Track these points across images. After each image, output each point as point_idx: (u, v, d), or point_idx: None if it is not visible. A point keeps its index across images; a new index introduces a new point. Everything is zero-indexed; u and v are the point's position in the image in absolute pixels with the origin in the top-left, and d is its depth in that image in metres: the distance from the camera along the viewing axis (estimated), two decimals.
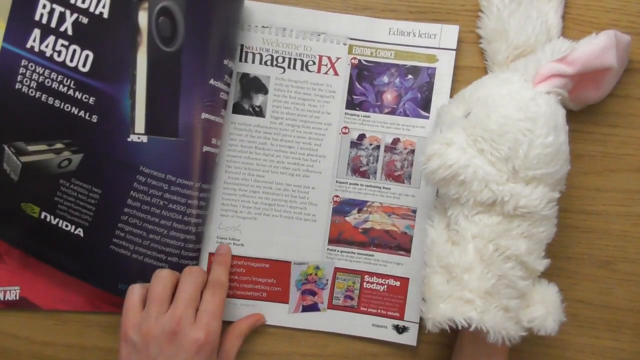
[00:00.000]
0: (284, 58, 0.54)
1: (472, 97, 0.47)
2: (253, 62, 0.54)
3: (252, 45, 0.54)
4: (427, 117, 0.53)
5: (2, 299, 0.53)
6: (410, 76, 0.54)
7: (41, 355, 0.54)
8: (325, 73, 0.54)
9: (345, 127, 0.54)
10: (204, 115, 0.51)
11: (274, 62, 0.54)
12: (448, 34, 0.53)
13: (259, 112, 0.54)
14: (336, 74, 0.54)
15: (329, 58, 0.54)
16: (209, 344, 0.46)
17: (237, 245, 0.54)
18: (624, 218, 0.54)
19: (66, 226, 0.51)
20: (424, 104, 0.54)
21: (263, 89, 0.54)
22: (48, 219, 0.51)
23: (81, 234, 0.51)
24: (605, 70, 0.47)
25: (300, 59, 0.54)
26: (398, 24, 0.54)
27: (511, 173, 0.44)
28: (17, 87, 0.50)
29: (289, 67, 0.54)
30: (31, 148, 0.51)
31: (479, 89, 0.47)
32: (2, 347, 0.54)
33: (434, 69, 0.53)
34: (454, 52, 0.53)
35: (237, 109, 0.54)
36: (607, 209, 0.54)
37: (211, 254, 0.54)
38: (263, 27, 0.54)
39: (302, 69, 0.54)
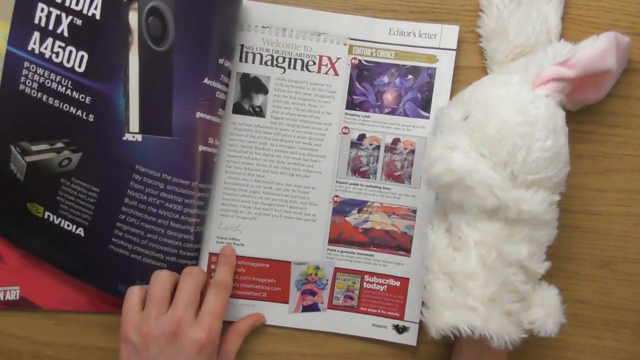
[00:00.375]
0: (284, 58, 0.54)
1: (470, 99, 0.47)
2: (253, 62, 0.54)
3: (252, 46, 0.54)
4: (427, 117, 0.53)
5: (2, 299, 0.53)
6: (410, 76, 0.54)
7: (41, 355, 0.54)
8: (326, 73, 0.54)
9: (346, 127, 0.54)
10: (199, 115, 0.51)
11: (274, 62, 0.54)
12: (448, 34, 0.53)
13: (259, 112, 0.54)
14: (336, 74, 0.54)
15: (329, 58, 0.54)
16: (209, 345, 0.46)
17: (237, 245, 0.54)
18: (625, 218, 0.54)
19: (68, 226, 0.51)
20: (424, 104, 0.54)
21: (263, 89, 0.54)
22: (51, 219, 0.52)
23: (82, 233, 0.51)
24: (605, 72, 0.47)
25: (300, 59, 0.54)
26: (398, 24, 0.53)
27: (509, 178, 0.44)
28: (21, 88, 0.52)
29: (289, 67, 0.54)
30: (34, 147, 0.51)
31: (477, 90, 0.47)
32: (2, 347, 0.54)
33: (434, 69, 0.53)
34: (454, 52, 0.53)
35: (237, 109, 0.54)
36: (607, 209, 0.54)
37: (211, 254, 0.54)
38: (263, 27, 0.54)
39: (302, 69, 0.54)
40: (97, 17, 0.50)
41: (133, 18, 0.50)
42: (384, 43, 0.54)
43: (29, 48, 0.51)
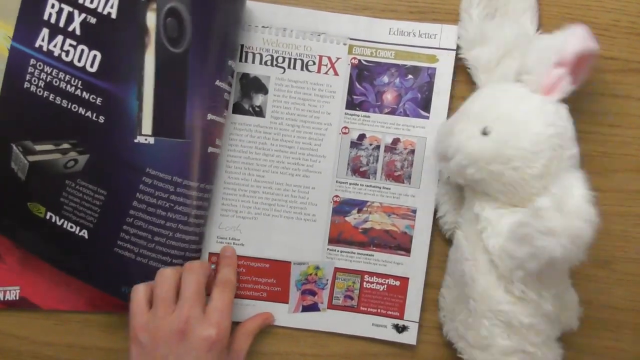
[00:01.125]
0: (284, 58, 0.54)
1: (487, 115, 0.46)
2: (253, 62, 0.54)
3: (252, 45, 0.54)
4: (427, 117, 0.53)
5: (2, 299, 0.53)
6: (410, 76, 0.54)
7: (41, 355, 0.54)
8: (326, 73, 0.54)
9: (345, 127, 0.54)
10: (210, 117, 0.50)
11: (274, 62, 0.54)
12: (448, 34, 0.53)
13: (259, 112, 0.54)
14: (336, 74, 0.54)
15: (329, 58, 0.54)
16: (219, 342, 0.45)
17: (237, 245, 0.54)
18: (624, 218, 0.54)
19: (71, 227, 0.50)
20: (424, 104, 0.54)
21: (263, 89, 0.54)
22: (53, 219, 0.51)
23: (85, 235, 0.50)
24: (588, 56, 0.46)
25: (300, 59, 0.54)
26: (398, 24, 0.54)
27: (542, 189, 0.44)
28: (25, 86, 0.50)
29: (289, 67, 0.54)
30: (38, 147, 0.50)
31: (493, 105, 0.46)
32: (2, 347, 0.54)
33: (434, 69, 0.53)
34: (454, 52, 0.53)
35: (237, 109, 0.54)
36: (607, 209, 0.53)
37: (211, 254, 0.54)
38: (263, 27, 0.54)
39: (302, 69, 0.54)
40: (113, 16, 0.49)
41: (151, 18, 0.49)
42: (384, 43, 0.54)
43: (36, 45, 0.50)
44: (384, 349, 0.54)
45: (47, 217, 0.51)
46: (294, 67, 0.54)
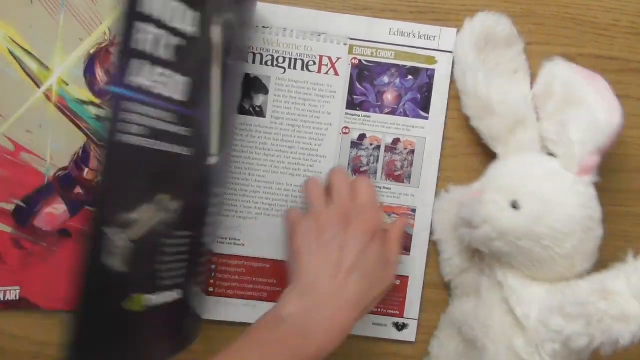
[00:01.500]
0: (284, 58, 0.54)
1: (518, 189, 0.45)
2: (254, 62, 0.54)
3: (253, 46, 0.54)
4: (427, 118, 0.54)
5: (2, 299, 0.53)
6: (410, 77, 0.54)
7: (41, 355, 0.54)
8: (326, 73, 0.54)
9: (346, 127, 0.54)
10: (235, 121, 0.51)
11: (275, 63, 0.54)
12: (447, 37, 0.53)
13: (259, 113, 0.54)
14: (337, 74, 0.54)
15: (330, 58, 0.54)
16: (379, 232, 0.46)
17: (237, 245, 0.54)
18: (624, 218, 0.54)
19: (165, 297, 0.40)
20: (424, 105, 0.54)
21: (263, 89, 0.54)
22: (151, 303, 0.39)
23: (181, 295, 0.41)
24: None
25: (300, 59, 0.54)
26: (398, 25, 0.54)
27: (569, 268, 0.44)
28: (119, 139, 0.36)
29: (289, 67, 0.54)
30: (137, 216, 0.38)
31: (524, 178, 0.46)
32: (2, 347, 0.54)
33: (433, 70, 0.53)
34: (452, 54, 0.53)
35: (238, 109, 0.54)
36: (607, 209, 0.53)
37: (212, 254, 0.54)
38: (264, 27, 0.54)
39: (302, 69, 0.54)
40: (192, 34, 0.41)
41: (215, 32, 0.43)
42: (384, 43, 0.54)
43: (126, 82, 0.36)
44: (384, 347, 0.54)
45: (146, 302, 0.39)
46: (295, 67, 0.54)
